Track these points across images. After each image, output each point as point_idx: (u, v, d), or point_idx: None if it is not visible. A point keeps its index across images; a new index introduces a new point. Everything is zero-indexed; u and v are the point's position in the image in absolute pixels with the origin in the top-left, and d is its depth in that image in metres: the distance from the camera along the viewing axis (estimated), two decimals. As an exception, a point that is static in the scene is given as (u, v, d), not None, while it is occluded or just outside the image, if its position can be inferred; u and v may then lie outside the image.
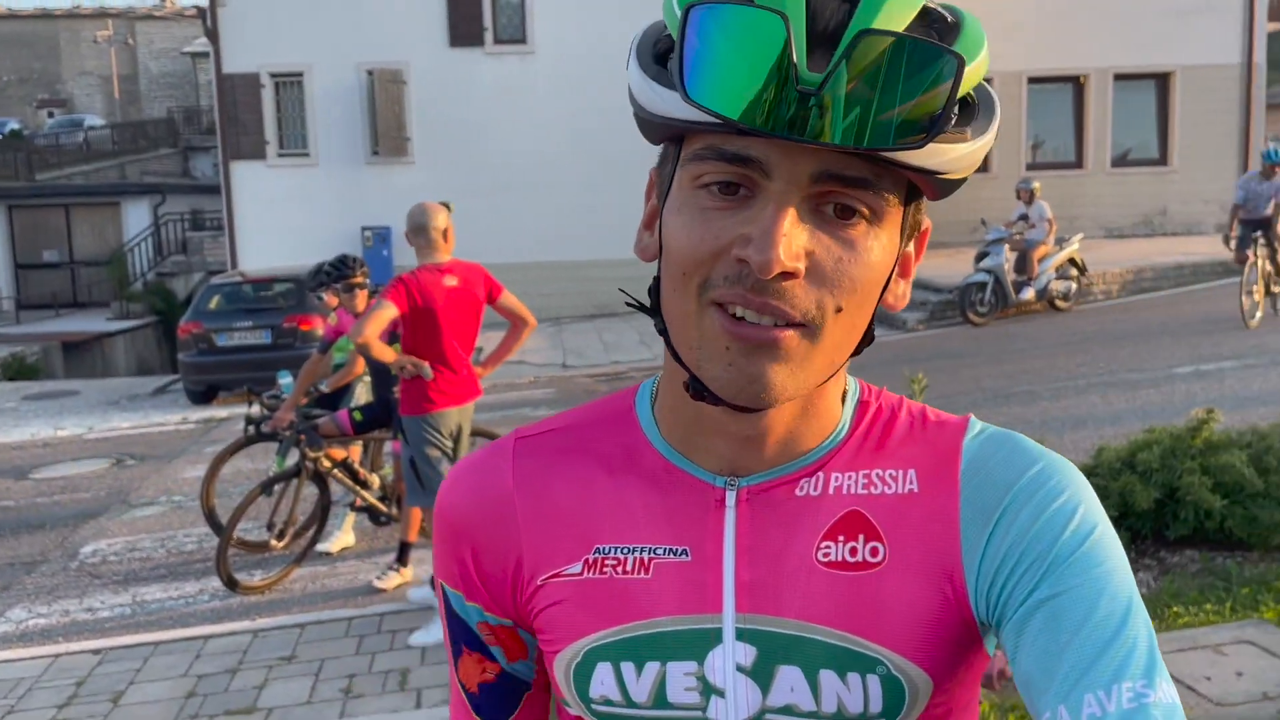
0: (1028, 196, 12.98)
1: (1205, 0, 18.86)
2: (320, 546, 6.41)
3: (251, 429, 6.47)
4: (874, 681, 0.81)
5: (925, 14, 0.75)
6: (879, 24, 0.71)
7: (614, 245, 16.78)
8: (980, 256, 12.90)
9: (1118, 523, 4.77)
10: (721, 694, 0.83)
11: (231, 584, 5.71)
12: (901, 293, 0.85)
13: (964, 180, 0.80)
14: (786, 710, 0.82)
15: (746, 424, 0.83)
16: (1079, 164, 19.47)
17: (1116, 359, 10.26)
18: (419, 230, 4.93)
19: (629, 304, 0.89)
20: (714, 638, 0.84)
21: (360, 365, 6.16)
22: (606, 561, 0.87)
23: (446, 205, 5.08)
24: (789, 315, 0.75)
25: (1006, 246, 12.75)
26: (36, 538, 7.26)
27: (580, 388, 11.75)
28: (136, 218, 24.82)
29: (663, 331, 0.83)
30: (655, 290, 0.84)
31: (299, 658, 4.91)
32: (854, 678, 0.81)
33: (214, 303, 12.86)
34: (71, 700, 4.64)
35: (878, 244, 0.77)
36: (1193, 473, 4.77)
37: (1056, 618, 0.74)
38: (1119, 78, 19.30)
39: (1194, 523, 4.78)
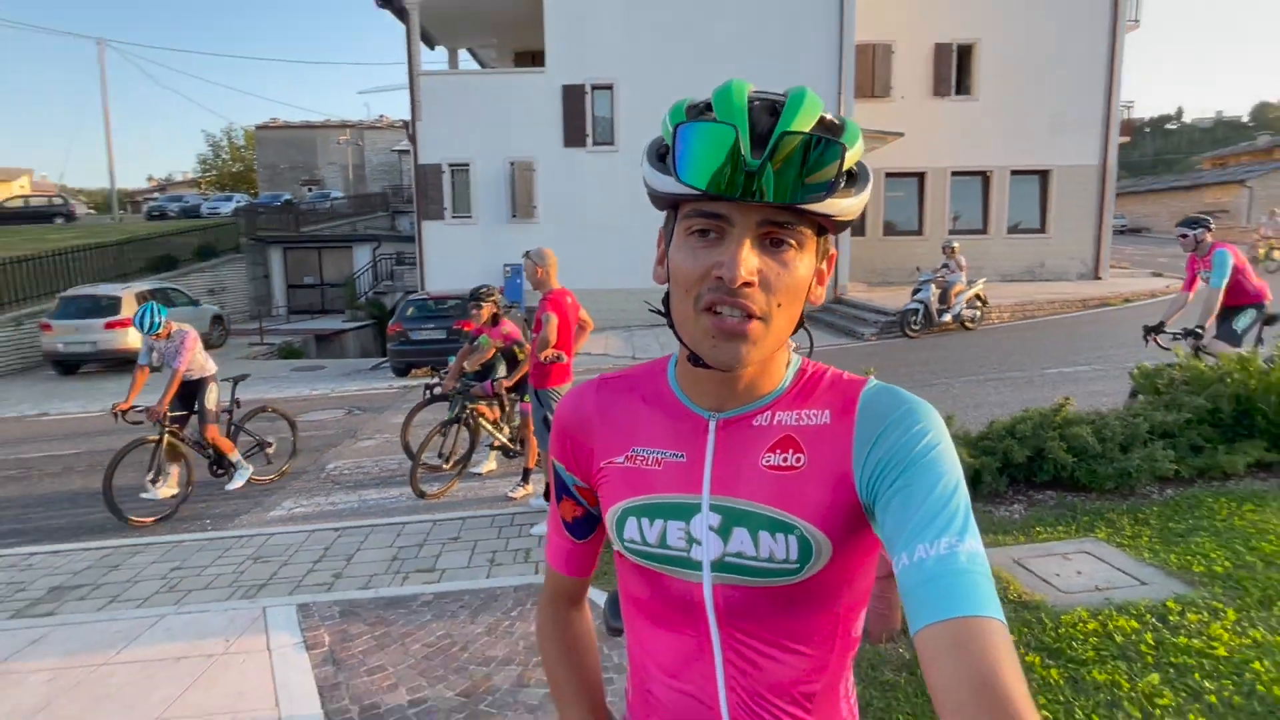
0: (950, 252, 12.67)
1: (1074, 119, 18.21)
2: (473, 469, 6.47)
3: (428, 393, 6.54)
4: (792, 540, 0.85)
5: (821, 120, 0.80)
6: (794, 127, 0.77)
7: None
8: (915, 291, 12.63)
9: (1000, 471, 4.67)
10: (699, 543, 0.89)
11: (420, 494, 5.73)
12: (819, 294, 0.88)
13: (853, 220, 0.85)
14: (738, 555, 0.87)
15: (724, 382, 0.90)
16: (984, 230, 18.91)
17: (1005, 363, 9.99)
18: (544, 264, 4.92)
19: (652, 311, 0.96)
20: (695, 508, 0.89)
21: (490, 352, 6.01)
22: (638, 457, 0.93)
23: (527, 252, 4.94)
24: (752, 310, 0.81)
25: (933, 285, 12.48)
26: (299, 458, 7.29)
27: (644, 372, 11.68)
28: (362, 257, 25.30)
29: (673, 327, 0.88)
30: (666, 302, 0.89)
31: (462, 539, 4.91)
32: (780, 536, 0.85)
33: (410, 311, 12.87)
34: (321, 559, 4.71)
35: (801, 263, 0.83)
36: (1054, 439, 4.66)
37: (908, 496, 0.78)
38: (1014, 173, 18.72)
39: (1053, 472, 4.67)
